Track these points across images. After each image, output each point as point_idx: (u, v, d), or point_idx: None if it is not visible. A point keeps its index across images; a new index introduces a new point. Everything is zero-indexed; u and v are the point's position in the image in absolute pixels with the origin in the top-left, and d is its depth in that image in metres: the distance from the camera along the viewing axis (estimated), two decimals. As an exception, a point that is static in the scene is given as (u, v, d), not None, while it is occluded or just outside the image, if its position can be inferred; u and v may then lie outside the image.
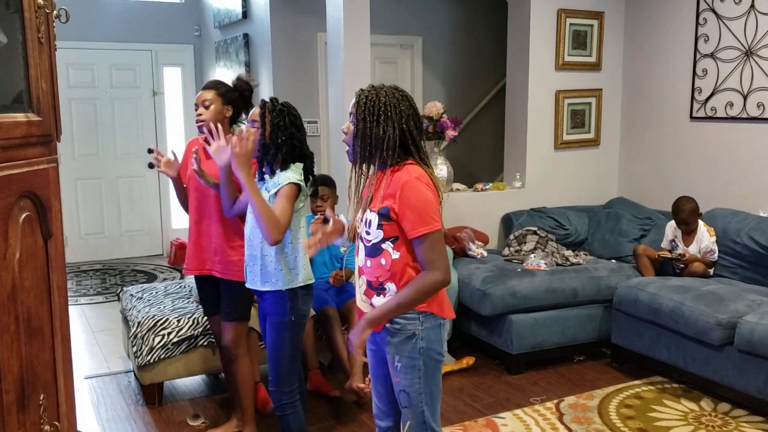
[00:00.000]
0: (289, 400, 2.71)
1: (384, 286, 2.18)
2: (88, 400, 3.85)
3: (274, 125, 2.59)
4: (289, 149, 2.61)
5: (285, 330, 2.65)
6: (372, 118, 2.11)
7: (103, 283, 6.37)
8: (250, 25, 6.00)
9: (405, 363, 2.20)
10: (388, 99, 2.12)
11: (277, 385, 2.70)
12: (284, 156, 2.61)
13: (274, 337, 2.66)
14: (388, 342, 2.21)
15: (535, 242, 4.66)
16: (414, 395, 2.22)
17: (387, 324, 2.19)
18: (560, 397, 3.82)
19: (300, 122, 2.68)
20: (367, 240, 2.18)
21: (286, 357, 2.68)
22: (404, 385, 2.22)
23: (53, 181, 1.46)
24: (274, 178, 2.61)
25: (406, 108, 2.14)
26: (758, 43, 4.40)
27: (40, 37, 1.39)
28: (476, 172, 6.21)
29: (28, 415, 1.31)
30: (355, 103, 2.18)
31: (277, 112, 2.61)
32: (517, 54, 5.17)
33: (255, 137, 2.55)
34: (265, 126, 2.59)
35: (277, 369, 2.69)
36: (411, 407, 2.23)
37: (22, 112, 1.35)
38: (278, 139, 2.59)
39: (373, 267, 2.18)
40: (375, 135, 2.12)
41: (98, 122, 7.14)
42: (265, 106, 2.62)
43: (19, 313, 1.29)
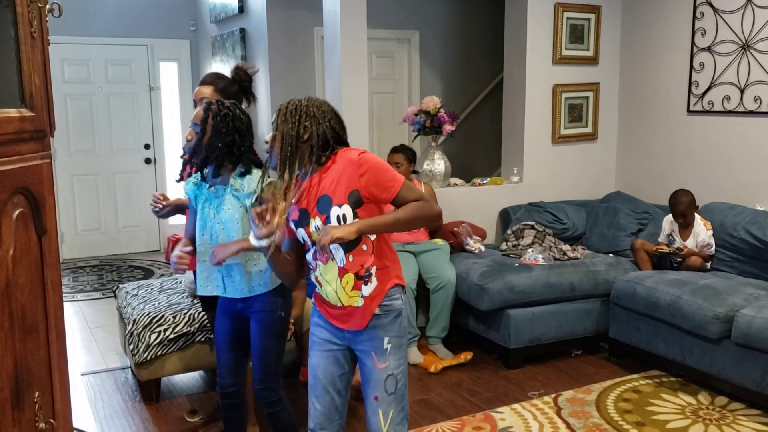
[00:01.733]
0: (278, 396, 2.69)
1: (370, 270, 2.20)
2: (85, 397, 3.84)
3: (216, 131, 2.48)
4: (224, 157, 2.50)
5: (276, 326, 2.63)
6: (294, 118, 2.16)
7: (99, 280, 6.36)
8: (247, 19, 5.97)
9: (394, 343, 2.24)
10: (309, 102, 2.21)
11: (266, 383, 2.66)
12: (217, 161, 2.51)
13: (265, 335, 2.62)
14: (375, 326, 2.21)
15: (533, 237, 4.65)
16: (400, 377, 2.25)
17: (377, 310, 2.21)
18: (558, 391, 3.82)
19: (246, 127, 2.55)
20: None
21: (276, 354, 2.66)
22: (393, 368, 2.23)
23: (47, 177, 1.44)
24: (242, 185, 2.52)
25: (327, 108, 2.23)
26: (755, 36, 4.40)
27: (32, 32, 1.37)
28: (474, 166, 6.21)
29: (23, 412, 1.31)
30: (277, 111, 2.20)
31: (221, 117, 2.49)
32: (514, 48, 5.16)
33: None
34: (206, 130, 2.49)
35: (266, 366, 2.65)
36: (396, 392, 2.24)
37: (14, 108, 1.34)
38: (214, 146, 2.48)
39: (356, 259, 2.18)
40: (299, 132, 2.16)
41: (94, 118, 7.12)
42: (209, 110, 2.51)
43: (13, 310, 1.28)
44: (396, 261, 2.30)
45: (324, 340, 2.31)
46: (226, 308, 2.69)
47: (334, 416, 2.32)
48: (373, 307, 2.21)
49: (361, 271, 2.20)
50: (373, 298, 2.21)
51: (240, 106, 2.61)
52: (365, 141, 4.43)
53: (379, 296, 2.21)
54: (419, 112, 4.83)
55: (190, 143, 2.55)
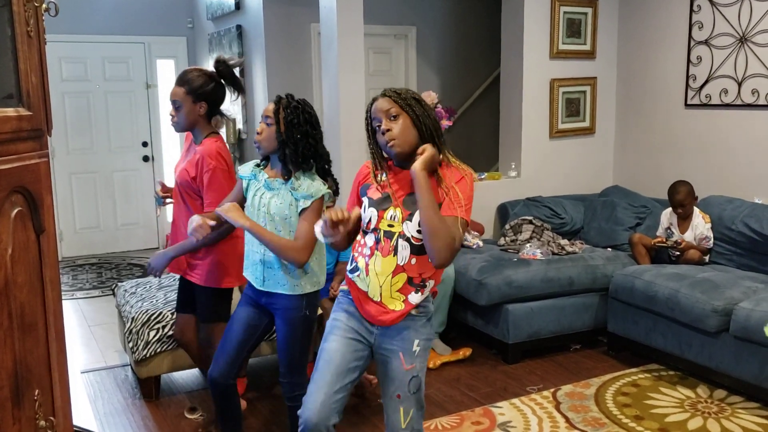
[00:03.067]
0: (300, 392, 2.67)
1: (425, 283, 2.21)
2: (85, 395, 3.85)
3: (288, 122, 2.52)
4: (306, 147, 2.55)
5: (300, 324, 2.64)
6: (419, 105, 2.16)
7: (99, 277, 6.36)
8: (243, 16, 5.97)
9: (423, 346, 2.25)
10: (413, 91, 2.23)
11: (290, 377, 2.70)
12: (303, 153, 2.54)
13: (289, 331, 2.65)
14: (407, 327, 2.22)
15: (531, 231, 4.66)
16: (422, 377, 2.25)
17: (413, 311, 2.21)
18: (557, 385, 3.83)
19: (315, 120, 2.61)
20: (417, 239, 2.14)
21: (299, 350, 2.68)
22: (418, 370, 2.23)
23: (45, 176, 1.44)
24: (301, 185, 2.55)
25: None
26: (752, 29, 4.40)
27: (29, 31, 1.38)
28: (471, 161, 6.14)
29: (22, 410, 1.31)
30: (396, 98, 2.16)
31: (291, 108, 2.54)
32: (511, 43, 5.16)
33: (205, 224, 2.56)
34: (279, 123, 2.53)
35: (290, 361, 2.69)
36: (418, 392, 2.24)
37: (12, 107, 1.34)
38: (294, 137, 2.52)
39: (419, 264, 2.17)
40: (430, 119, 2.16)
41: (92, 116, 7.11)
42: (280, 103, 2.56)
43: (12, 308, 1.29)
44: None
45: (350, 328, 2.25)
46: (251, 299, 2.71)
47: (333, 409, 2.18)
48: (410, 309, 2.21)
49: (416, 279, 2.19)
50: (416, 306, 2.22)
51: (308, 102, 2.63)
52: (363, 137, 4.41)
53: (421, 303, 2.23)
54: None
55: (261, 136, 2.57)
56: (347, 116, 4.36)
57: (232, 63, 2.98)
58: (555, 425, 3.37)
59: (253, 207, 2.62)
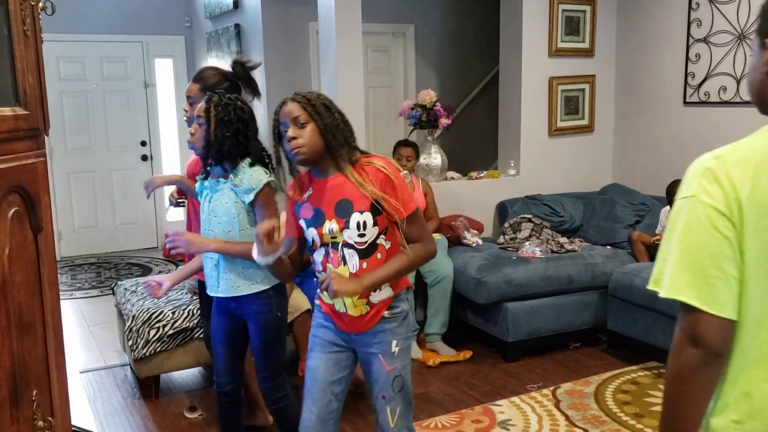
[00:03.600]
0: (284, 392, 2.69)
1: None
2: (84, 395, 3.84)
3: (219, 120, 2.49)
4: (235, 145, 2.50)
5: (273, 327, 2.61)
6: (329, 112, 2.13)
7: (98, 277, 6.36)
8: (241, 15, 5.96)
9: (401, 345, 2.24)
10: (324, 96, 2.18)
11: (271, 380, 2.67)
12: (231, 151, 2.51)
13: (263, 335, 2.61)
14: (383, 329, 2.21)
15: (530, 230, 4.66)
16: (406, 375, 2.26)
17: (385, 313, 2.20)
18: (557, 383, 3.83)
19: (249, 116, 2.55)
20: (360, 243, 2.13)
21: (277, 353, 2.65)
22: (400, 369, 2.24)
23: (42, 176, 1.44)
24: (241, 180, 2.51)
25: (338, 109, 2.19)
26: (751, 26, 4.39)
27: (25, 30, 1.37)
28: (470, 160, 6.20)
29: (21, 410, 1.31)
30: (305, 104, 2.12)
31: (223, 106, 2.50)
32: (509, 41, 5.15)
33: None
34: (210, 122, 2.49)
35: (268, 365, 2.65)
36: (403, 389, 2.25)
37: (8, 106, 1.34)
38: (223, 135, 2.48)
39: (370, 266, 2.15)
40: (339, 127, 2.13)
41: (90, 115, 7.11)
42: (211, 101, 2.52)
43: (10, 308, 1.28)
44: None
45: (327, 342, 2.28)
46: (221, 307, 2.68)
47: (329, 421, 2.28)
48: (381, 311, 2.20)
49: None
50: (385, 304, 2.21)
51: (242, 99, 2.60)
52: (361, 136, 4.41)
53: (388, 301, 2.22)
54: (415, 106, 4.82)
55: (194, 137, 2.55)
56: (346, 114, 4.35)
57: (249, 65, 2.98)
58: (555, 423, 3.37)
59: (204, 213, 2.60)
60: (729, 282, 1.20)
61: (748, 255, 1.20)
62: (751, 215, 1.18)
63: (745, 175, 1.19)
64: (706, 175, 1.22)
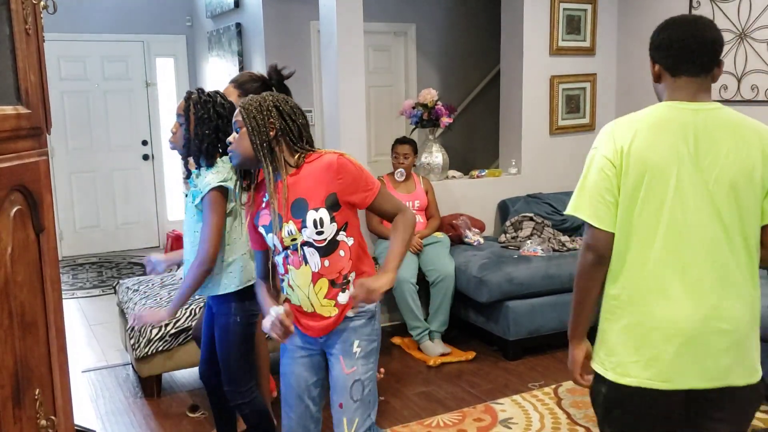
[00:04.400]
0: (244, 399, 2.66)
1: (348, 278, 2.15)
2: (86, 394, 3.85)
3: (198, 118, 2.48)
4: (214, 142, 2.50)
5: (233, 331, 2.58)
6: (262, 114, 2.09)
7: (99, 277, 6.36)
8: (243, 14, 5.96)
9: (364, 347, 2.17)
10: (274, 97, 2.13)
11: (230, 385, 2.65)
12: (209, 150, 2.50)
13: (222, 339, 2.61)
14: (345, 329, 2.17)
15: (532, 228, 4.65)
16: (368, 383, 2.18)
17: (349, 312, 2.16)
18: (558, 382, 3.83)
19: (229, 113, 2.53)
20: (320, 241, 2.10)
21: (236, 357, 2.61)
22: (360, 373, 2.16)
23: (44, 174, 1.44)
24: (199, 181, 2.51)
25: (293, 104, 2.15)
26: (752, 25, 4.39)
27: (27, 29, 1.37)
28: (472, 159, 6.21)
29: (23, 410, 1.31)
30: (241, 110, 2.12)
31: (202, 104, 2.49)
32: (511, 40, 5.15)
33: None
34: (189, 119, 2.50)
35: (227, 370, 2.63)
36: (362, 400, 2.17)
37: (10, 105, 1.34)
38: (202, 133, 2.48)
39: (332, 264, 2.12)
40: (269, 128, 2.09)
41: (91, 115, 7.11)
42: (190, 99, 2.51)
43: (13, 307, 1.28)
44: (370, 262, 2.24)
45: (296, 347, 2.25)
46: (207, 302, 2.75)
47: (309, 425, 2.25)
48: (345, 311, 2.16)
49: (338, 279, 2.14)
50: (350, 304, 2.15)
51: (222, 94, 2.59)
52: (363, 134, 4.43)
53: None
54: (416, 105, 4.82)
55: (176, 135, 2.56)
56: (347, 114, 4.35)
57: (285, 73, 3.05)
58: (557, 421, 3.37)
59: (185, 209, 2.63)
60: (609, 206, 1.76)
61: (623, 188, 1.75)
62: (627, 161, 1.74)
63: (628, 134, 1.76)
64: (605, 134, 1.83)
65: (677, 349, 1.73)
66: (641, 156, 1.72)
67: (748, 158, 1.73)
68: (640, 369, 1.76)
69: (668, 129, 1.74)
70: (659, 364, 1.74)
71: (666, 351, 1.74)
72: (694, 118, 1.75)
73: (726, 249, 1.72)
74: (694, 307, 1.72)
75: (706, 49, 1.79)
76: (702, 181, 1.71)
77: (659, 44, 1.85)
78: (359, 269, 2.17)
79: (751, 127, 1.80)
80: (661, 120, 1.76)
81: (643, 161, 1.72)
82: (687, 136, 1.72)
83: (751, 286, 1.76)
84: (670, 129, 1.74)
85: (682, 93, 1.79)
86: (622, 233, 1.77)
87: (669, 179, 1.71)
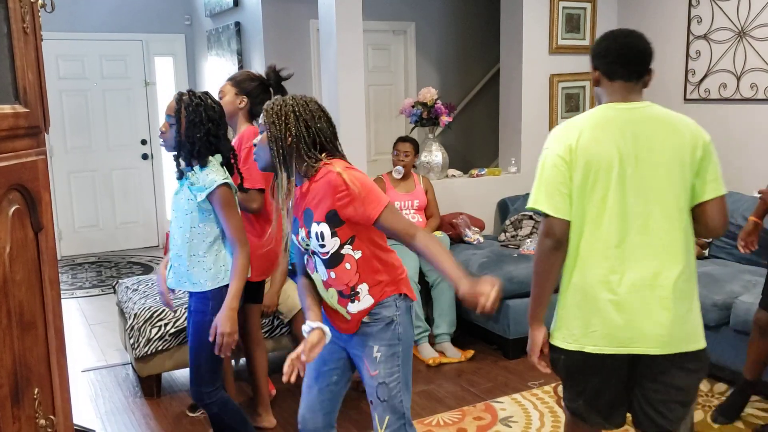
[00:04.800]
0: (211, 399, 2.64)
1: (356, 290, 2.15)
2: (86, 394, 3.85)
3: (189, 121, 2.48)
4: (204, 145, 2.50)
5: (206, 330, 2.54)
6: (281, 119, 2.08)
7: (98, 276, 6.36)
8: (242, 13, 5.96)
9: (384, 352, 2.17)
10: (295, 101, 2.11)
11: (197, 385, 2.62)
12: (201, 152, 2.50)
13: (194, 335, 2.58)
14: (364, 333, 2.19)
15: (531, 227, 4.65)
16: (394, 386, 2.19)
17: (365, 318, 2.18)
18: (558, 380, 3.83)
19: (219, 115, 2.54)
20: (324, 253, 2.11)
21: (205, 357, 2.58)
22: (384, 376, 2.17)
23: (42, 174, 1.44)
24: (196, 179, 2.50)
25: (315, 108, 2.12)
26: (751, 23, 4.39)
27: (25, 28, 1.37)
28: (471, 157, 6.21)
29: (22, 409, 1.31)
30: (263, 112, 2.12)
31: (193, 107, 2.48)
32: (510, 38, 5.15)
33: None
34: (180, 121, 2.49)
35: (194, 367, 2.61)
36: (390, 400, 2.19)
37: (8, 104, 1.33)
38: (193, 136, 2.48)
39: (338, 276, 2.13)
40: (287, 134, 2.07)
41: (90, 114, 7.10)
42: (181, 101, 2.50)
43: (11, 307, 1.28)
44: (393, 271, 2.21)
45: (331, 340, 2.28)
46: None
47: (317, 411, 2.29)
48: (358, 319, 2.19)
49: (345, 290, 2.15)
50: (362, 314, 2.18)
51: (212, 96, 2.59)
52: (362, 133, 4.42)
53: (367, 310, 2.18)
54: (416, 104, 4.82)
55: (165, 135, 2.56)
56: (347, 113, 4.35)
57: (284, 74, 3.09)
58: (556, 420, 3.37)
59: (172, 206, 2.63)
60: (564, 197, 2.00)
61: (575, 181, 2.00)
62: (576, 157, 1.99)
63: (575, 133, 2.01)
64: (555, 136, 2.08)
65: (622, 317, 1.98)
66: (587, 151, 1.98)
67: (679, 147, 1.99)
68: (593, 338, 2.03)
69: (609, 126, 1.99)
70: (607, 331, 2.00)
71: (613, 319, 1.99)
72: (631, 116, 2.01)
73: (664, 225, 1.97)
74: (638, 278, 1.97)
75: (639, 58, 2.04)
76: (641, 168, 1.96)
77: (599, 53, 2.09)
78: (373, 280, 2.16)
79: (679, 119, 2.04)
80: (602, 119, 2.02)
81: (590, 155, 1.97)
82: (625, 131, 1.98)
83: (686, 255, 2.00)
84: (611, 126, 1.99)
85: (618, 95, 2.05)
86: (576, 222, 2.02)
87: (612, 169, 1.96)
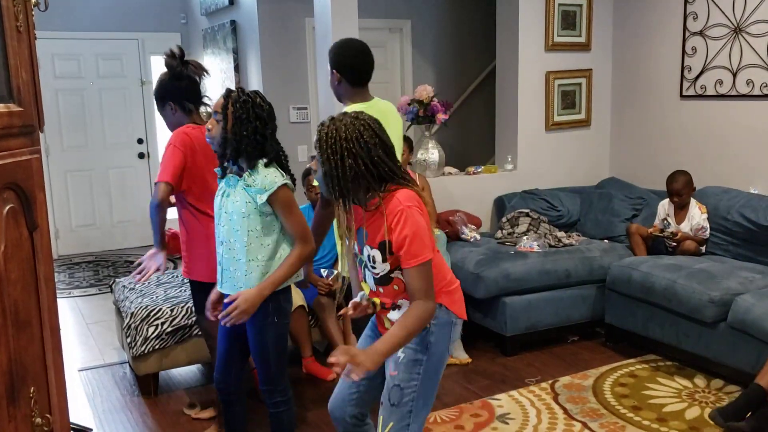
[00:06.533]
0: (283, 398, 2.64)
1: (398, 303, 2.17)
2: (83, 392, 3.84)
3: (236, 118, 2.42)
4: (252, 144, 2.44)
5: (270, 331, 2.55)
6: (336, 156, 2.02)
7: (95, 275, 6.35)
8: (237, 11, 5.95)
9: (408, 355, 2.14)
10: (348, 133, 2.01)
11: (270, 384, 2.63)
12: (248, 151, 2.44)
13: (259, 339, 2.57)
14: None
15: (528, 224, 4.66)
16: (409, 392, 2.14)
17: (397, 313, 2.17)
18: (555, 377, 3.83)
19: (268, 114, 2.49)
20: (375, 273, 2.14)
21: (273, 357, 2.59)
22: (401, 379, 2.14)
23: (37, 172, 1.44)
24: (255, 180, 2.45)
25: (369, 137, 2.03)
26: (747, 19, 4.39)
27: (18, 26, 1.36)
28: (468, 155, 6.20)
29: (18, 408, 1.31)
30: (316, 141, 2.07)
31: (241, 103, 2.43)
32: (506, 36, 5.15)
33: None
34: (227, 118, 2.44)
35: (266, 369, 2.61)
36: (399, 406, 2.15)
37: (2, 103, 1.33)
38: (240, 134, 2.42)
39: (386, 292, 2.17)
40: (343, 172, 2.02)
41: (86, 113, 7.09)
42: (229, 97, 2.46)
43: (6, 306, 1.28)
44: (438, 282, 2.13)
45: (370, 327, 2.36)
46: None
47: (346, 403, 2.31)
48: None
49: (388, 304, 2.18)
50: None
51: (261, 95, 2.53)
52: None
53: None
54: (412, 102, 4.81)
55: (212, 133, 2.50)
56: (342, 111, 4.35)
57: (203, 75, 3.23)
58: (553, 417, 3.37)
59: (216, 206, 2.56)
60: None
61: None
62: None
63: None
64: None
65: None
66: None
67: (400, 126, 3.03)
68: None
69: None
70: None
71: None
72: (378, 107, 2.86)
73: None
74: None
75: (371, 68, 3.03)
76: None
77: (344, 66, 2.98)
78: None
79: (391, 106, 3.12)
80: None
81: None
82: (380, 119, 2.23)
83: None
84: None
85: (359, 97, 2.97)
86: None
87: None
